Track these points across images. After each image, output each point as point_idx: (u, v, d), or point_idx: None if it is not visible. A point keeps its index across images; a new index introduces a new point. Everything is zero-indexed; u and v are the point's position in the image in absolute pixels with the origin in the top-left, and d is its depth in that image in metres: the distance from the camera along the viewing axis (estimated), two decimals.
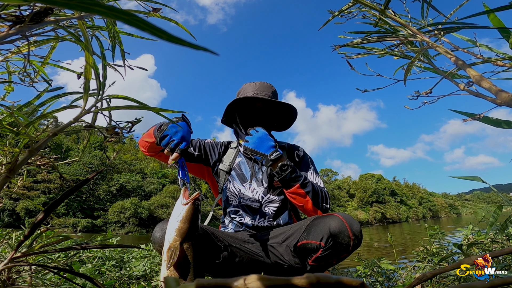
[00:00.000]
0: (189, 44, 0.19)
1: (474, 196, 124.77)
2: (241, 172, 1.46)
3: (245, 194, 1.42)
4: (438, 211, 75.27)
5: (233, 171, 1.47)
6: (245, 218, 1.40)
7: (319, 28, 1.07)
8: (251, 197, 1.41)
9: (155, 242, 1.11)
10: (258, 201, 1.40)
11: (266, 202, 1.39)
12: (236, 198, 1.43)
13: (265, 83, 1.47)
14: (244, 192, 1.42)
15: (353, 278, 0.22)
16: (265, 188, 1.41)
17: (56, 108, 0.59)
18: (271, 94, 1.43)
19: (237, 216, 1.42)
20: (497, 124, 0.74)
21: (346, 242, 1.08)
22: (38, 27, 0.42)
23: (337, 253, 1.11)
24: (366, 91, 1.15)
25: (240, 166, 1.48)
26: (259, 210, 1.39)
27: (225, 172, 1.47)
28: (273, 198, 1.40)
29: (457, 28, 0.77)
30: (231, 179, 1.47)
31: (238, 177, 1.46)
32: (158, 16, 0.64)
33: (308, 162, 1.48)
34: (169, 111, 0.56)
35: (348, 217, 1.13)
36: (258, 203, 1.40)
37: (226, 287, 0.21)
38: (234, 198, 1.44)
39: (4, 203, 1.08)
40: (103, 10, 0.20)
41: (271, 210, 1.39)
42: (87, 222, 30.12)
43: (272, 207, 1.39)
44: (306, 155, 1.52)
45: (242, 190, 1.43)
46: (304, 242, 1.18)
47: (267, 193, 1.40)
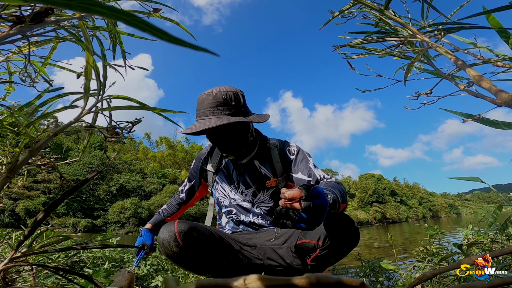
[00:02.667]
0: (189, 45, 0.19)
1: (474, 196, 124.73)
2: (228, 173, 1.43)
3: (235, 195, 1.40)
4: (438, 211, 75.28)
5: (220, 173, 1.45)
6: (240, 216, 1.39)
7: (320, 28, 1.07)
8: (241, 198, 1.39)
9: (163, 244, 1.09)
10: (249, 201, 1.38)
11: (258, 203, 1.38)
12: (226, 198, 1.43)
13: (209, 96, 1.19)
14: (234, 193, 1.41)
15: (353, 278, 0.22)
16: (254, 190, 1.37)
17: (57, 108, 0.59)
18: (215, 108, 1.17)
19: (232, 215, 1.41)
20: (496, 126, 0.74)
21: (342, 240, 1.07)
22: (38, 27, 0.42)
23: (335, 252, 1.11)
24: (366, 91, 1.16)
25: (225, 168, 1.44)
26: (251, 210, 1.38)
27: (212, 173, 1.46)
28: (264, 199, 1.37)
29: (457, 28, 0.77)
30: (218, 180, 1.46)
31: (226, 179, 1.44)
32: (158, 16, 0.64)
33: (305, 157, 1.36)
34: (170, 111, 0.56)
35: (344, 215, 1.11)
36: (249, 203, 1.38)
37: (226, 287, 0.21)
38: (224, 198, 1.44)
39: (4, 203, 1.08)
40: (103, 10, 0.20)
41: (263, 210, 1.37)
42: (87, 222, 30.12)
43: (264, 207, 1.37)
44: (300, 149, 1.41)
45: (233, 191, 1.41)
46: (302, 242, 1.17)
47: (257, 194, 1.37)
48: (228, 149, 1.31)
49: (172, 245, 1.08)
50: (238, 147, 1.30)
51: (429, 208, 72.85)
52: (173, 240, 1.08)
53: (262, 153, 1.40)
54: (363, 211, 52.98)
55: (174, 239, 1.08)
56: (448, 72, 0.90)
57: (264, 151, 1.40)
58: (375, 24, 0.95)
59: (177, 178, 43.06)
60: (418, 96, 1.00)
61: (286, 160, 1.37)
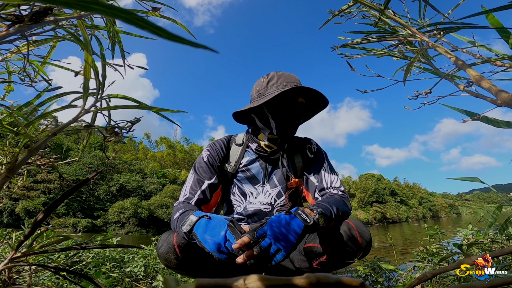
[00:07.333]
0: (188, 42, 0.19)
1: (474, 196, 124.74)
2: (251, 173, 1.29)
3: (258, 197, 1.27)
4: (438, 211, 75.27)
5: (241, 173, 1.29)
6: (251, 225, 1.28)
7: (319, 28, 1.07)
8: (263, 200, 1.26)
9: (162, 256, 1.05)
10: (270, 204, 1.26)
11: (279, 206, 1.27)
12: (242, 203, 1.28)
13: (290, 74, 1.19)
14: (257, 195, 1.27)
15: (353, 278, 0.22)
16: (280, 190, 1.26)
17: (56, 108, 0.59)
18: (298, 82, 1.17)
19: (242, 223, 1.26)
20: (496, 124, 0.74)
21: (353, 250, 1.02)
22: (37, 26, 0.42)
23: (343, 260, 1.06)
24: (366, 92, 1.15)
25: (249, 166, 1.29)
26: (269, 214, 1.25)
27: (231, 174, 1.29)
28: (286, 203, 1.27)
29: (456, 28, 0.77)
30: (237, 181, 1.30)
31: (247, 179, 1.29)
32: (157, 15, 0.64)
33: (323, 159, 1.28)
34: (168, 111, 0.56)
35: (359, 224, 1.06)
36: (270, 206, 1.26)
37: (226, 287, 0.21)
38: (239, 203, 1.29)
39: (4, 203, 1.08)
40: (102, 9, 0.20)
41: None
42: (87, 222, 30.10)
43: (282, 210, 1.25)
44: (320, 149, 1.32)
45: (255, 193, 1.28)
46: (311, 245, 1.12)
47: (281, 196, 1.26)
48: (292, 129, 1.18)
49: (171, 257, 1.03)
50: (296, 128, 1.20)
51: (429, 208, 72.85)
52: (172, 253, 1.03)
53: (288, 149, 1.30)
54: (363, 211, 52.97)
55: (173, 252, 1.03)
56: (448, 72, 0.90)
57: (290, 148, 1.31)
58: (374, 24, 0.95)
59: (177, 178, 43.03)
60: (418, 96, 1.00)
61: (306, 159, 1.29)
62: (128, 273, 1.67)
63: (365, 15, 1.00)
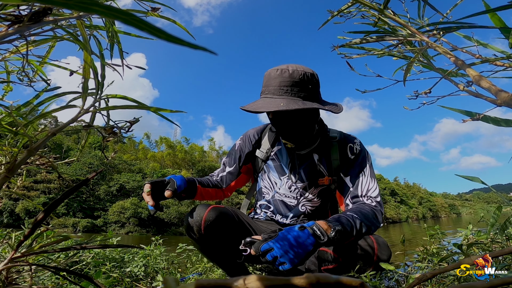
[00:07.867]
0: (187, 43, 0.18)
1: (474, 196, 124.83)
2: (279, 163, 1.27)
3: (281, 189, 1.26)
4: (438, 211, 75.31)
5: (270, 161, 1.29)
6: (276, 215, 1.28)
7: (318, 28, 1.07)
8: (288, 193, 1.25)
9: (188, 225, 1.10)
10: (295, 197, 1.25)
11: (305, 201, 1.25)
12: (270, 191, 1.29)
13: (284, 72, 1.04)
14: (280, 186, 1.26)
15: (353, 278, 0.22)
16: (306, 185, 1.23)
17: (55, 108, 0.59)
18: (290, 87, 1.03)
19: (268, 211, 1.30)
20: (495, 122, 0.74)
21: (365, 266, 0.99)
22: (36, 26, 0.42)
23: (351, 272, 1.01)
24: (366, 92, 1.15)
25: (278, 155, 1.28)
26: (295, 208, 1.25)
27: (262, 160, 1.30)
28: (312, 198, 1.25)
29: (456, 28, 0.77)
30: (267, 169, 1.30)
31: (276, 168, 1.28)
32: (156, 15, 0.64)
33: (364, 162, 1.20)
34: (167, 111, 0.56)
35: (382, 242, 1.00)
36: (295, 200, 1.25)
37: (226, 287, 0.21)
38: (268, 190, 1.30)
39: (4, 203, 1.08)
40: (101, 10, 0.20)
41: (308, 209, 1.25)
42: (87, 222, 30.09)
43: (310, 206, 1.26)
44: (363, 151, 1.23)
45: (279, 183, 1.26)
46: (324, 250, 1.08)
47: (306, 191, 1.24)
48: (292, 137, 1.16)
49: (194, 230, 1.09)
50: (303, 136, 1.16)
51: (429, 208, 72.87)
52: (197, 226, 1.08)
53: (322, 146, 1.25)
54: None
55: (198, 225, 1.08)
56: (447, 72, 0.90)
57: (325, 144, 1.25)
58: (374, 24, 0.95)
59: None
60: (417, 95, 1.00)
61: (345, 159, 1.22)
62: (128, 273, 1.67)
63: (364, 15, 1.00)
